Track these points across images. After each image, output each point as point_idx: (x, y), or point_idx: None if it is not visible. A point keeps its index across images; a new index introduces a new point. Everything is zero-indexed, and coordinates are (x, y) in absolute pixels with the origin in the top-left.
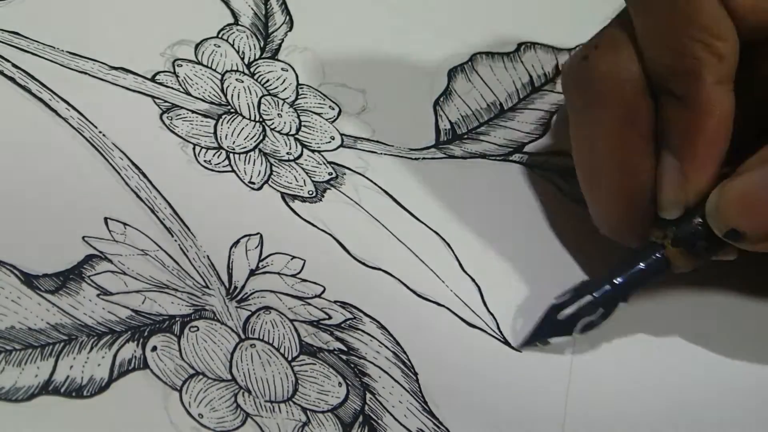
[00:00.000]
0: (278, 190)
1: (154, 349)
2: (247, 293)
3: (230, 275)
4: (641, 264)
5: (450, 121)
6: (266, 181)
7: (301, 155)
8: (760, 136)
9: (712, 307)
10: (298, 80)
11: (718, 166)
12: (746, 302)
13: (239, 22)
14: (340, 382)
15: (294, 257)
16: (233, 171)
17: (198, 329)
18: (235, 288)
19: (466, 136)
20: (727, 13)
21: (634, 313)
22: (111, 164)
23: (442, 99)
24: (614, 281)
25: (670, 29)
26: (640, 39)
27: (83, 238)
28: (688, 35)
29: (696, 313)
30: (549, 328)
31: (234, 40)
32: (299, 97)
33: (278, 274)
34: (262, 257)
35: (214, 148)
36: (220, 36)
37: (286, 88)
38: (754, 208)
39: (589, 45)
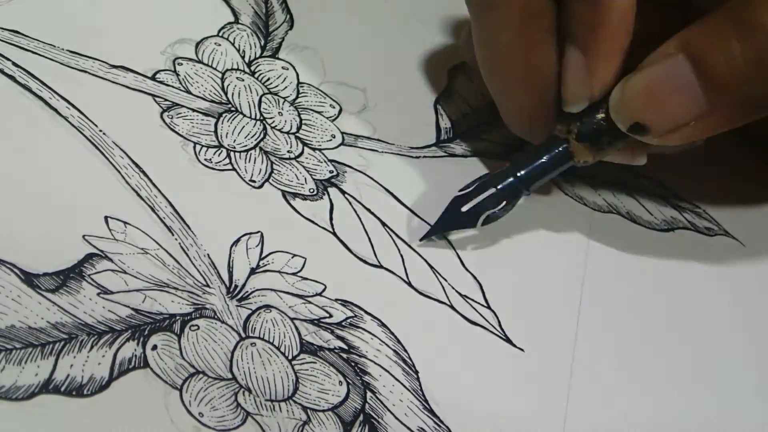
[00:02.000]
0: (279, 189)
1: (155, 347)
2: (247, 292)
3: (231, 274)
4: (544, 157)
5: (451, 120)
6: (267, 180)
7: (301, 153)
8: (662, 36)
9: (713, 306)
10: (298, 79)
11: (621, 60)
12: (748, 302)
13: (240, 21)
14: (340, 381)
15: (295, 255)
16: (234, 169)
17: (198, 328)
18: (236, 286)
19: (466, 135)
20: None
21: (634, 312)
22: (111, 163)
23: (442, 98)
24: (517, 174)
25: None
26: None
27: (83, 236)
28: None
29: (696, 313)
30: (452, 220)
31: (234, 38)
32: (300, 95)
33: (279, 272)
34: (263, 255)
35: (214, 147)
36: (220, 34)
37: (286, 87)
38: (657, 100)
39: None
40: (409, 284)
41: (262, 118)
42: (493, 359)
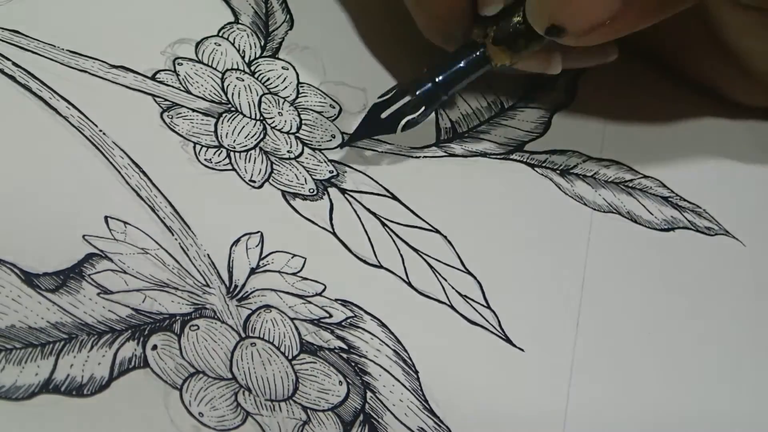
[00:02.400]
0: (279, 189)
1: (155, 347)
2: (247, 292)
3: (231, 274)
4: (462, 62)
5: (450, 120)
6: (267, 180)
7: (301, 153)
8: None
9: (714, 306)
10: (298, 79)
11: None
12: (748, 302)
13: (240, 21)
14: (340, 381)
15: (295, 255)
16: (234, 169)
17: (198, 328)
18: (236, 286)
19: (466, 135)
20: None
21: (634, 312)
22: (111, 163)
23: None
24: (435, 79)
25: None
26: None
27: (83, 236)
28: None
29: (697, 313)
30: (372, 127)
31: (234, 38)
32: (300, 95)
33: (279, 272)
34: (263, 255)
35: (214, 147)
36: (220, 34)
37: (286, 87)
38: (573, 1)
39: None
40: (409, 284)
41: (262, 118)
42: (493, 359)
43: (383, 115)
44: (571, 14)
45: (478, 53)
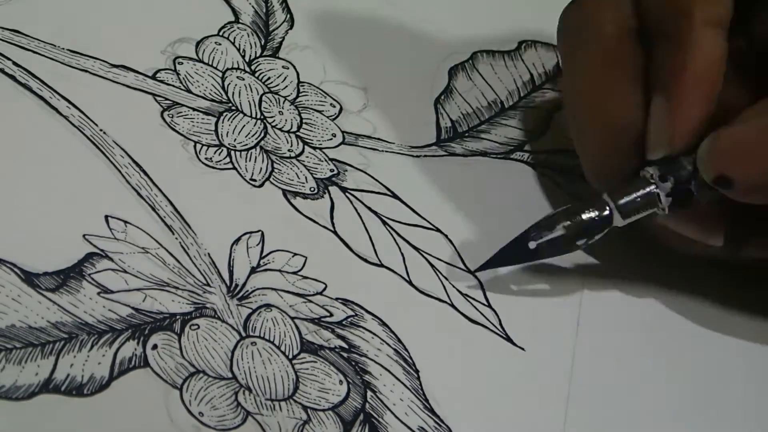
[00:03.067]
0: (280, 187)
1: (155, 347)
2: (248, 291)
3: (231, 273)
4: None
5: (451, 119)
6: (267, 179)
7: (302, 152)
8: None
9: (714, 306)
10: (299, 78)
11: (706, 108)
12: (748, 302)
13: (240, 20)
14: (341, 380)
15: (295, 254)
16: (234, 168)
17: (199, 327)
18: (236, 285)
19: (467, 134)
20: None
21: (635, 312)
22: (112, 162)
23: (442, 97)
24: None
25: None
26: None
27: (84, 236)
28: None
29: (697, 313)
30: (515, 255)
31: (235, 37)
32: (300, 94)
33: (279, 271)
34: (264, 254)
35: (215, 146)
36: (220, 34)
37: (287, 86)
38: (748, 156)
39: None
40: (410, 283)
41: (262, 117)
42: (493, 358)
43: (533, 245)
44: (743, 167)
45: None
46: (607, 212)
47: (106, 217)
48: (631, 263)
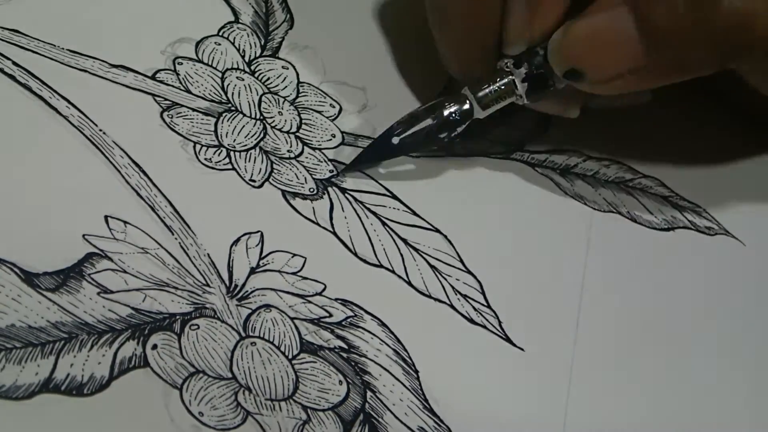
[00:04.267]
0: (279, 188)
1: (155, 347)
2: (247, 291)
3: (231, 273)
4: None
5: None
6: (267, 179)
7: (301, 153)
8: None
9: (713, 306)
10: (298, 78)
11: (563, 7)
12: (748, 302)
13: (240, 20)
14: (340, 380)
15: (295, 255)
16: (234, 169)
17: (198, 327)
18: (236, 286)
19: (466, 135)
20: None
21: (634, 312)
22: (111, 162)
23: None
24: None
25: None
26: None
27: (83, 236)
28: None
29: (697, 313)
30: (381, 151)
31: (234, 38)
32: (300, 95)
33: (279, 271)
34: (263, 255)
35: (214, 146)
36: (220, 34)
37: (286, 86)
38: (596, 47)
39: None
40: (409, 284)
41: (262, 117)
42: (493, 359)
43: (396, 140)
44: (592, 60)
45: (502, 86)
46: (467, 106)
47: (106, 217)
48: (631, 263)
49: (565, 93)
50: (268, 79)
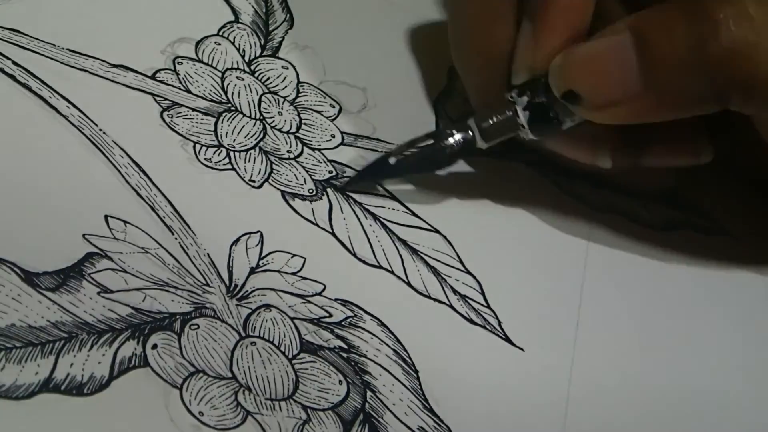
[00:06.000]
0: (278, 188)
1: (155, 347)
2: (247, 291)
3: (230, 273)
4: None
5: (451, 119)
6: (266, 179)
7: (301, 153)
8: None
9: (713, 306)
10: (298, 78)
11: (568, 36)
12: (748, 302)
13: (240, 20)
14: (340, 380)
15: (294, 255)
16: (233, 169)
17: (198, 327)
18: (236, 286)
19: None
20: None
21: (634, 312)
22: (111, 162)
23: (442, 97)
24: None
25: None
26: None
27: (84, 235)
28: None
29: (696, 313)
30: (379, 173)
31: (234, 37)
32: (300, 95)
33: (279, 272)
34: (263, 255)
35: (214, 146)
36: (220, 34)
37: (286, 86)
38: (595, 71)
39: None
40: (409, 284)
41: (261, 117)
42: (493, 359)
43: (392, 160)
44: (590, 83)
45: (505, 117)
46: (470, 134)
47: (106, 216)
48: (631, 264)
49: (586, 135)
50: (268, 78)
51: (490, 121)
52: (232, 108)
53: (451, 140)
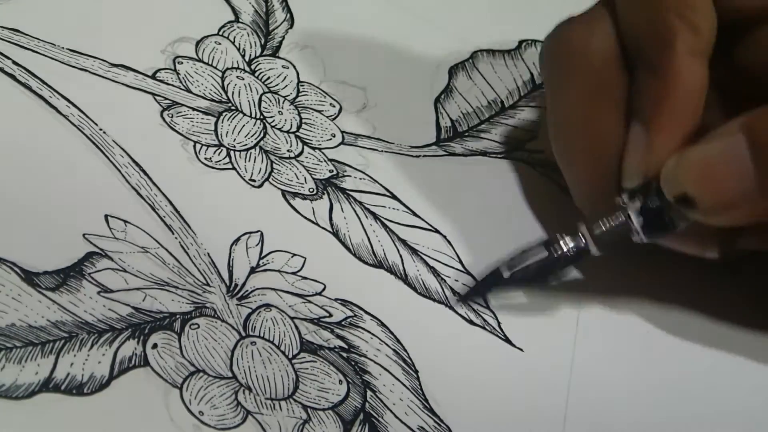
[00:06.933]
0: (279, 188)
1: (155, 346)
2: (247, 291)
3: (231, 273)
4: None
5: (451, 119)
6: (267, 179)
7: (301, 153)
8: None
9: (714, 306)
10: (298, 78)
11: (683, 139)
12: (748, 301)
13: (240, 20)
14: (340, 380)
15: (294, 255)
16: (234, 168)
17: (198, 327)
18: (236, 285)
19: (466, 134)
20: None
21: (634, 312)
22: (111, 162)
23: (443, 96)
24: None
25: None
26: (618, 9)
27: (84, 235)
28: (663, 4)
29: (697, 312)
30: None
31: (235, 37)
32: (300, 94)
33: (279, 271)
34: (263, 255)
35: (214, 146)
36: (220, 33)
37: (286, 86)
38: (709, 175)
39: (565, 20)
40: (409, 284)
41: (262, 117)
42: (492, 359)
43: (506, 274)
44: (704, 187)
45: (617, 222)
46: (583, 241)
47: (106, 216)
48: (631, 265)
49: (696, 233)
50: (268, 78)
51: (603, 228)
52: (233, 107)
53: (563, 249)
